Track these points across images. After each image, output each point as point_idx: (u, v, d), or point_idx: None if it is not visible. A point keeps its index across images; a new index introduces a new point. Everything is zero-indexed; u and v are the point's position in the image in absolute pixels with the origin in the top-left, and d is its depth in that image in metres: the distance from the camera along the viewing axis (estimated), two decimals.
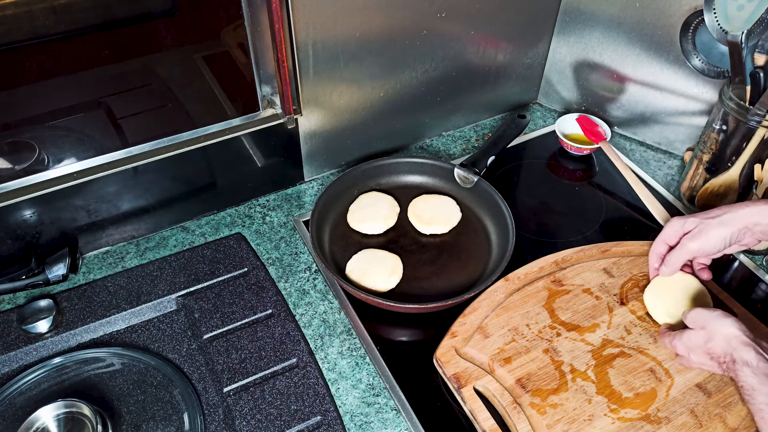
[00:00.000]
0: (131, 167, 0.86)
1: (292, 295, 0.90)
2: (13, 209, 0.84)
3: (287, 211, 1.03)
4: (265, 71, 0.89)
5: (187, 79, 0.86)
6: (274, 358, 0.81)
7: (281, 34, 0.82)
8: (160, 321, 0.87)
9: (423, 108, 1.12)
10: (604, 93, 1.16)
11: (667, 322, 0.81)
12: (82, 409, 0.71)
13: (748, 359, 0.67)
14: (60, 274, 0.87)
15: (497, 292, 0.86)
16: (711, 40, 0.94)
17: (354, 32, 0.93)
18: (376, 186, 1.04)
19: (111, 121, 0.84)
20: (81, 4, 0.72)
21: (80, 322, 0.84)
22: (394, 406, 0.78)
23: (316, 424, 0.75)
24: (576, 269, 0.89)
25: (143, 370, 0.80)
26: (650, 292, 0.84)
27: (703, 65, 0.99)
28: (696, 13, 0.96)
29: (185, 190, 0.98)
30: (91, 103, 0.82)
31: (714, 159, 0.96)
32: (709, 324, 0.72)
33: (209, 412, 0.77)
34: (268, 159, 1.02)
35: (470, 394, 0.76)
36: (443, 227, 0.97)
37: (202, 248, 0.95)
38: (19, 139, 0.79)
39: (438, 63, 1.06)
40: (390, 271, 0.90)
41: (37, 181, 0.82)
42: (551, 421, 0.73)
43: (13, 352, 0.81)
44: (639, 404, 0.74)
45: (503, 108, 1.24)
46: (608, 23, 1.08)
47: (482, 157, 1.02)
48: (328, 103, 0.99)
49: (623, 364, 0.78)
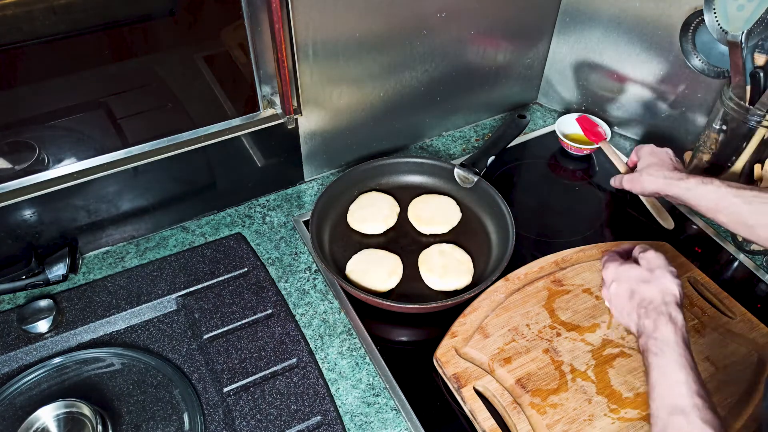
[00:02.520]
0: (131, 167, 0.86)
1: (292, 295, 0.90)
2: (13, 209, 0.84)
3: (287, 211, 1.03)
4: (265, 71, 0.89)
5: (187, 79, 0.86)
6: (274, 358, 0.81)
7: (281, 34, 0.82)
8: (160, 321, 0.87)
9: (423, 108, 1.12)
10: (604, 93, 1.16)
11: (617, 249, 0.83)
12: (82, 409, 0.71)
13: (677, 318, 0.67)
14: (60, 274, 0.87)
15: (497, 292, 0.86)
16: (711, 40, 0.94)
17: (354, 32, 0.93)
18: (376, 186, 1.04)
19: (111, 121, 0.84)
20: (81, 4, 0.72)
21: (80, 322, 0.84)
22: (394, 406, 0.78)
23: (316, 424, 0.75)
24: (576, 269, 0.89)
25: (143, 370, 0.80)
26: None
27: (703, 65, 0.99)
28: (696, 13, 0.96)
29: (185, 190, 0.98)
30: (91, 103, 0.82)
31: (714, 159, 0.96)
32: (659, 271, 0.72)
33: (209, 412, 0.77)
34: (268, 159, 1.02)
35: (470, 394, 0.76)
36: (443, 227, 0.97)
37: (202, 248, 0.95)
38: (19, 139, 0.79)
39: (438, 63, 1.06)
40: (390, 271, 0.90)
41: (37, 181, 0.82)
42: (551, 421, 0.73)
43: (13, 352, 0.81)
44: (639, 404, 0.74)
45: (503, 108, 1.24)
46: (608, 23, 1.08)
47: (482, 157, 1.02)
48: (328, 103, 0.99)
49: (623, 364, 0.78)
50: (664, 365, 0.64)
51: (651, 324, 0.67)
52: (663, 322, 0.67)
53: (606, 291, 0.76)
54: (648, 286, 0.71)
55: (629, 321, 0.72)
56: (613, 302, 0.75)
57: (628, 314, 0.72)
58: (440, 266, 0.90)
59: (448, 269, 0.90)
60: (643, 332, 0.68)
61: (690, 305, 0.85)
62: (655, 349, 0.65)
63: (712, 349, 0.80)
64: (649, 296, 0.70)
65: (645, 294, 0.70)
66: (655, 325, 0.67)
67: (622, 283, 0.73)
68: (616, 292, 0.73)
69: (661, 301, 0.69)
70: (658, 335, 0.66)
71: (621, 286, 0.73)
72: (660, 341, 0.65)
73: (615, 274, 0.75)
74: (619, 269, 0.74)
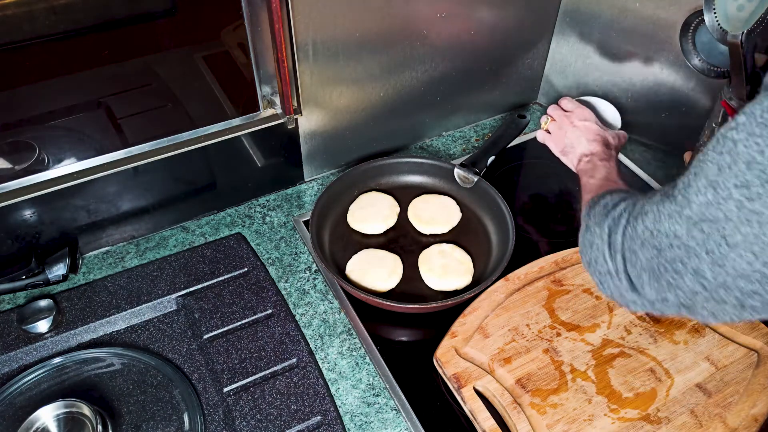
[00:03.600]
0: (131, 167, 0.86)
1: (292, 295, 0.90)
2: (13, 209, 0.84)
3: (287, 211, 1.03)
4: (265, 71, 0.89)
5: (187, 79, 0.86)
6: (274, 358, 0.81)
7: (281, 34, 0.82)
8: (160, 321, 0.87)
9: (423, 108, 1.12)
10: (604, 93, 1.16)
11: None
12: (82, 409, 0.71)
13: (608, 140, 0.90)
14: (60, 274, 0.87)
15: (497, 292, 0.86)
16: (711, 40, 0.93)
17: (354, 32, 0.93)
18: (376, 186, 1.04)
19: (111, 121, 0.84)
20: (81, 4, 0.72)
21: (80, 322, 0.84)
22: (394, 406, 0.78)
23: (316, 424, 0.75)
24: (576, 269, 0.89)
25: (143, 370, 0.80)
26: None
27: (703, 65, 0.99)
28: (696, 13, 0.96)
29: (185, 190, 0.98)
30: (91, 103, 0.81)
31: None
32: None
33: (209, 412, 0.77)
34: (268, 159, 1.02)
35: (470, 394, 0.76)
36: (443, 227, 0.97)
37: (202, 248, 0.95)
38: (19, 139, 0.79)
39: (438, 63, 1.06)
40: (390, 271, 0.90)
41: (37, 181, 0.82)
42: (551, 421, 0.73)
43: (13, 352, 0.81)
44: (639, 404, 0.74)
45: (503, 108, 1.24)
46: (608, 23, 1.08)
47: (482, 157, 1.02)
48: (328, 103, 0.99)
49: (623, 364, 0.78)
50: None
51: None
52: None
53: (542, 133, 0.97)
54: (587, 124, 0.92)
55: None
56: (550, 138, 0.96)
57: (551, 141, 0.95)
58: (440, 266, 0.90)
59: (448, 269, 0.90)
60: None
61: None
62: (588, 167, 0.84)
63: (712, 349, 0.80)
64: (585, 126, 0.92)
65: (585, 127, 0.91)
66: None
67: (569, 123, 0.93)
68: (561, 125, 0.94)
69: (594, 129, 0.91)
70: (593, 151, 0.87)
71: (563, 124, 0.93)
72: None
73: (563, 114, 0.95)
74: (579, 110, 0.94)
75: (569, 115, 0.94)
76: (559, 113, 0.96)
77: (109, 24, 0.75)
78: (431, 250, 0.93)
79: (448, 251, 0.92)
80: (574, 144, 0.90)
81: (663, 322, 0.83)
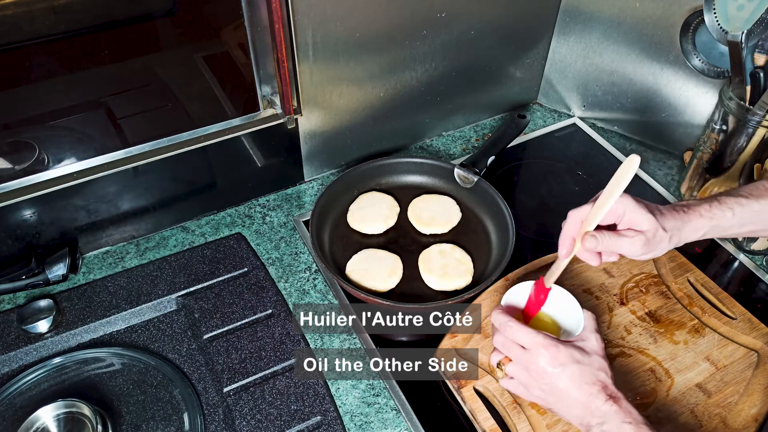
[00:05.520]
0: (131, 167, 0.86)
1: (292, 295, 0.90)
2: (13, 209, 0.84)
3: (287, 211, 1.03)
4: (265, 71, 0.89)
5: (187, 79, 0.86)
6: (274, 358, 0.81)
7: (281, 34, 0.82)
8: (160, 321, 0.87)
9: (423, 108, 1.12)
10: (604, 93, 1.16)
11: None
12: (82, 409, 0.71)
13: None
14: (60, 274, 0.87)
15: (497, 292, 0.86)
16: (711, 40, 0.94)
17: (354, 32, 0.93)
18: (376, 186, 1.04)
19: (111, 121, 0.84)
20: (81, 4, 0.72)
21: (80, 322, 0.84)
22: (394, 406, 0.78)
23: (316, 424, 0.75)
24: (576, 269, 0.89)
25: (143, 370, 0.80)
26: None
27: (703, 65, 0.99)
28: (696, 13, 0.96)
29: (185, 190, 0.98)
30: (91, 103, 0.82)
31: (714, 159, 0.96)
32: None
33: (209, 412, 0.77)
34: (268, 159, 1.02)
35: (470, 394, 0.76)
36: (443, 227, 0.97)
37: (202, 248, 0.95)
38: (19, 139, 0.79)
39: (438, 63, 1.06)
40: (390, 271, 0.90)
41: (37, 181, 0.82)
42: (551, 421, 0.73)
43: (13, 352, 0.81)
44: (639, 404, 0.74)
45: (503, 108, 1.24)
46: (608, 23, 1.08)
47: (482, 157, 1.02)
48: (328, 103, 0.99)
49: (623, 364, 0.78)
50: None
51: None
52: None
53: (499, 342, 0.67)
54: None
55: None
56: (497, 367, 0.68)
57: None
58: (440, 266, 0.90)
59: (448, 269, 0.90)
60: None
61: (690, 305, 0.85)
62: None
63: (712, 349, 0.80)
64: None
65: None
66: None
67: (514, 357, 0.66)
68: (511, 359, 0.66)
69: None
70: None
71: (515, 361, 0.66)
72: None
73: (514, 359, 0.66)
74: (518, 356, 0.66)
75: (531, 356, 0.65)
76: (514, 351, 0.67)
77: (109, 24, 0.75)
78: (431, 250, 0.93)
79: (448, 251, 0.92)
80: (560, 411, 0.67)
81: (663, 322, 0.83)
